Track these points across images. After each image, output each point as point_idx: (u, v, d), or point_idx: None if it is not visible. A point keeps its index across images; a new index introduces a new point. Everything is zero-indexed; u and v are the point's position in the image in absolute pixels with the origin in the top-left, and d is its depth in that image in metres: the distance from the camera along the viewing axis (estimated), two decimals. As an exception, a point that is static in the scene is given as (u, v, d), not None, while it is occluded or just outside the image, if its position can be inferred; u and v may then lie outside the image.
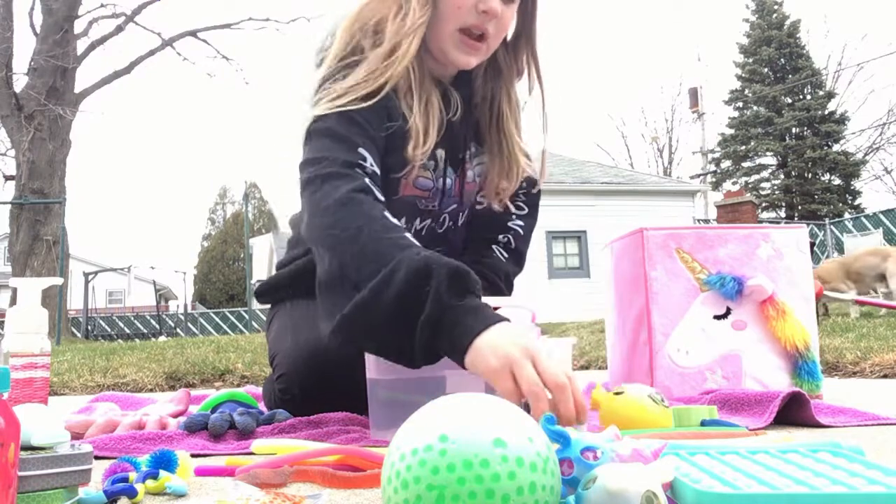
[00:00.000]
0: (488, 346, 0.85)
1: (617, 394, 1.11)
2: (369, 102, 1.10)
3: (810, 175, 23.82)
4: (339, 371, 1.15)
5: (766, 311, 1.49)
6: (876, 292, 5.99)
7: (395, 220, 1.01)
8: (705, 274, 1.50)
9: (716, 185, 23.87)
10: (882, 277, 5.99)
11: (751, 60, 24.73)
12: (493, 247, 1.37)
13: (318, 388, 1.23)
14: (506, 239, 1.39)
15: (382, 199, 1.05)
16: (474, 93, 1.27)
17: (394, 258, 0.92)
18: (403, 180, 1.21)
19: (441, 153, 1.24)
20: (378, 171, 1.09)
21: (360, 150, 1.08)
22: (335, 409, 1.23)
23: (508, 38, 1.25)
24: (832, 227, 12.58)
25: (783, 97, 24.08)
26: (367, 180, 1.05)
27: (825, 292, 4.10)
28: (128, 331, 20.91)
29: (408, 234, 0.99)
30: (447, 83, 1.24)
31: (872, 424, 1.17)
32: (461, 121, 1.24)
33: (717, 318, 1.50)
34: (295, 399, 1.25)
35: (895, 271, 5.88)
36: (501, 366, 0.82)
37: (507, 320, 0.89)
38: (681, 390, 1.45)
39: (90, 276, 17.31)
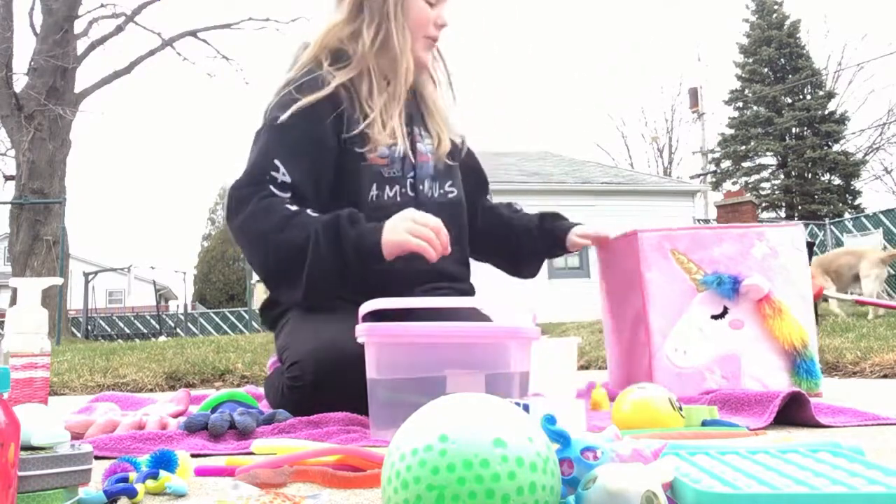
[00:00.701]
0: (388, 237, 1.31)
1: (640, 388, 1.14)
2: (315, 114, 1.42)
3: (810, 175, 23.79)
4: (353, 366, 1.16)
5: (763, 310, 1.49)
6: (852, 293, 5.95)
7: (293, 208, 1.37)
8: (701, 274, 1.50)
9: (716, 185, 23.83)
10: (858, 278, 5.93)
11: (751, 60, 24.70)
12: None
13: (331, 377, 1.25)
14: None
15: (285, 195, 1.39)
16: (416, 85, 1.59)
17: (308, 231, 1.33)
18: (369, 154, 1.46)
19: (399, 130, 1.51)
20: (289, 179, 1.40)
21: (276, 161, 1.40)
22: (342, 402, 1.24)
23: None
24: (832, 227, 12.55)
25: (783, 97, 24.04)
26: (271, 188, 1.39)
27: (825, 292, 4.08)
28: (128, 331, 20.89)
29: (307, 212, 1.37)
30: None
31: (872, 424, 1.17)
32: (407, 105, 1.55)
33: (715, 317, 1.50)
34: (305, 387, 1.27)
35: (868, 272, 5.83)
36: (401, 237, 1.30)
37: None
38: (680, 390, 1.44)
39: (90, 276, 17.31)
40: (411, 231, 1.30)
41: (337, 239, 1.33)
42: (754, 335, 1.50)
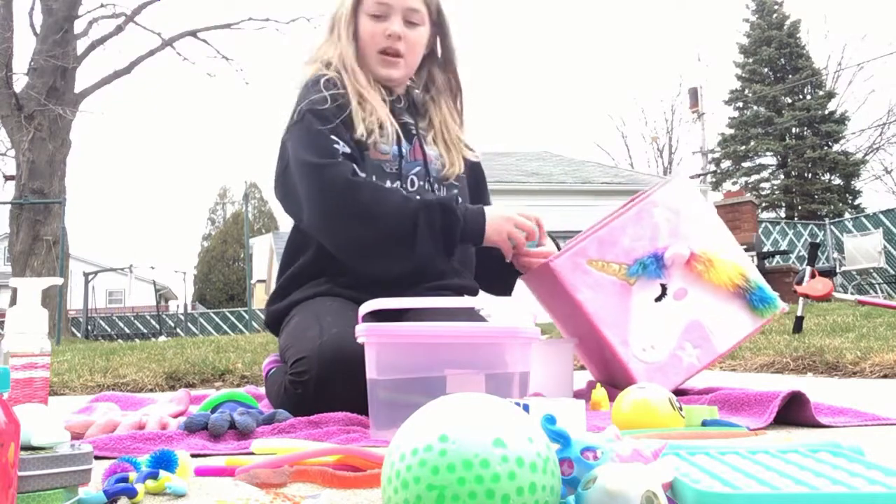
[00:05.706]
0: (490, 227, 1.47)
1: (640, 388, 1.15)
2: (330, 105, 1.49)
3: (810, 175, 23.78)
4: (359, 364, 1.16)
5: (696, 269, 1.50)
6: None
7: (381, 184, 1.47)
8: (625, 268, 1.49)
9: (716, 185, 23.81)
10: None
11: (751, 60, 24.67)
12: None
13: (336, 373, 1.25)
14: None
15: (361, 172, 1.45)
16: (418, 103, 1.63)
17: (410, 207, 1.41)
18: (370, 149, 1.52)
19: (393, 128, 1.55)
20: (349, 150, 1.46)
21: (332, 136, 1.45)
22: (345, 399, 1.24)
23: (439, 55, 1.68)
24: (832, 227, 12.53)
25: (783, 97, 24.02)
26: (349, 163, 1.44)
27: (833, 293, 4.05)
28: (128, 331, 20.87)
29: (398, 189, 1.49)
30: (397, 91, 1.62)
31: (872, 424, 1.17)
32: (405, 108, 1.61)
33: (658, 299, 1.50)
34: (310, 382, 1.27)
35: None
36: (504, 236, 1.48)
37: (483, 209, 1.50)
38: (670, 382, 1.45)
39: (90, 276, 17.29)
40: (508, 232, 1.47)
41: (452, 217, 1.42)
42: (701, 295, 1.51)
